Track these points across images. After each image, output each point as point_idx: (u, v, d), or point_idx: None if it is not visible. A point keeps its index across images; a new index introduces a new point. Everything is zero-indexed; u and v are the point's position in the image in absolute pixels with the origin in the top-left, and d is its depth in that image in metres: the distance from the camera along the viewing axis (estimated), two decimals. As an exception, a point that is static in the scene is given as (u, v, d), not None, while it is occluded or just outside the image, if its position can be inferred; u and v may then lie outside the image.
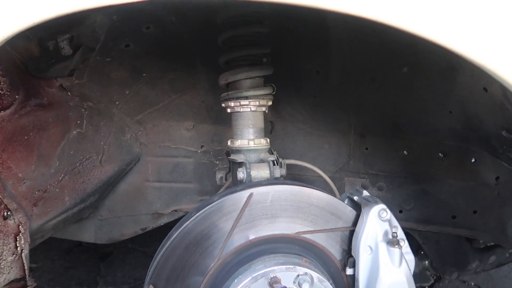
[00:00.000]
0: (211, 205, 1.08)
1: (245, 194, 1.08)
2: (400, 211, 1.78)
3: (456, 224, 1.72)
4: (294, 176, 1.79)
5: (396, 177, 1.76)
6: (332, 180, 1.61)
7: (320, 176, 1.59)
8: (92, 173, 1.82)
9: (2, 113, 1.23)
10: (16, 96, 1.28)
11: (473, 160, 1.63)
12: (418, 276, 1.95)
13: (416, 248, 1.90)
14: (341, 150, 1.80)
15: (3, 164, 1.26)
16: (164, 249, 1.05)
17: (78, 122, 1.64)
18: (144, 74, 1.69)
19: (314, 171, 1.58)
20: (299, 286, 1.03)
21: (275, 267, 1.03)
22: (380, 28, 0.78)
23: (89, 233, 2.15)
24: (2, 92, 1.21)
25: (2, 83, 1.20)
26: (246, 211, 1.08)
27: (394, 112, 1.62)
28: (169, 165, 2.04)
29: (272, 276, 1.02)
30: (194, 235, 1.06)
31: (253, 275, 1.02)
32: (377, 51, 1.41)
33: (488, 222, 1.67)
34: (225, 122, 1.94)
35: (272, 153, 1.48)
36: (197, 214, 1.07)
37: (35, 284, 1.32)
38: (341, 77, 1.59)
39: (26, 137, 1.37)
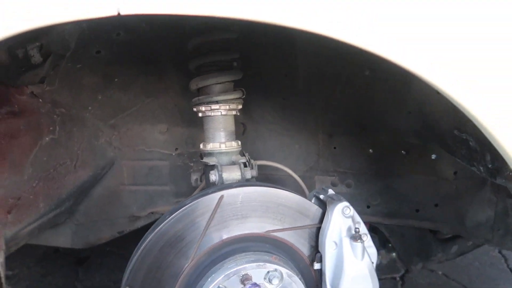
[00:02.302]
0: (184, 207, 1.12)
1: (216, 196, 1.13)
2: (368, 207, 1.87)
3: (419, 217, 1.83)
4: (267, 176, 1.85)
5: (363, 174, 1.84)
6: (303, 179, 1.68)
7: (291, 175, 1.65)
8: (67, 179, 1.83)
9: (-27, 122, 1.24)
10: (-14, 105, 1.29)
11: (433, 157, 1.73)
12: (386, 268, 2.05)
13: (383, 241, 2.00)
14: (310, 149, 1.87)
15: None
16: (139, 251, 1.09)
17: (51, 128, 1.64)
18: (116, 80, 1.71)
19: (285, 171, 1.64)
20: (270, 282, 1.09)
21: (246, 265, 1.09)
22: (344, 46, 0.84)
23: (65, 238, 2.14)
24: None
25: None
26: (218, 212, 1.13)
27: (358, 112, 1.71)
28: (144, 168, 2.06)
29: (243, 273, 1.07)
30: (169, 237, 1.11)
31: (225, 273, 1.07)
32: (340, 58, 1.48)
33: (448, 215, 1.78)
34: (198, 124, 1.97)
35: (244, 155, 1.53)
36: (171, 217, 1.11)
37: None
38: (308, 80, 1.65)
39: (-3, 145, 1.38)
